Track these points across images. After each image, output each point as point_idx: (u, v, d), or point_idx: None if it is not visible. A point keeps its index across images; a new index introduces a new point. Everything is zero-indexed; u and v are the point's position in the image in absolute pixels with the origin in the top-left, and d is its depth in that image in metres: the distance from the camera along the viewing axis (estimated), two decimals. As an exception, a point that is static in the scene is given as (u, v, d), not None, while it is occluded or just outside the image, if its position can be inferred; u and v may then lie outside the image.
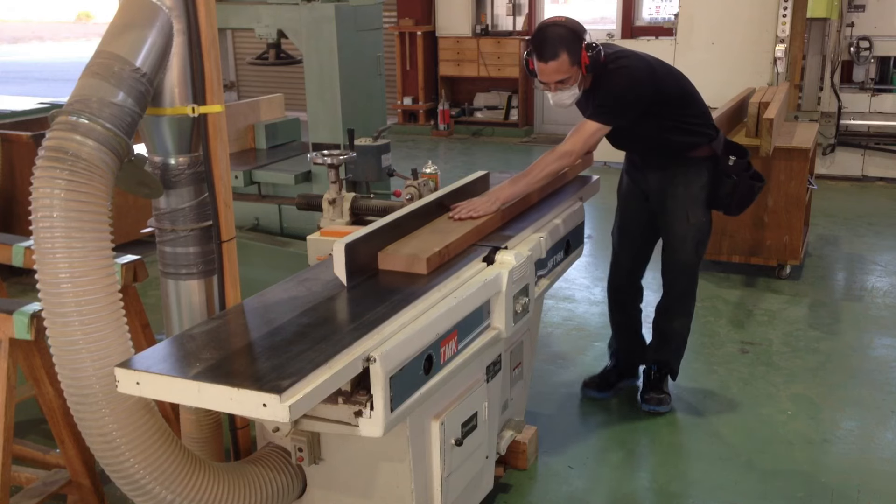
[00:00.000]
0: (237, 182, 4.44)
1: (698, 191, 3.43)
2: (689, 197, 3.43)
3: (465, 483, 2.65)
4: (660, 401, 3.67)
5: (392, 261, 2.56)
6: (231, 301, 2.60)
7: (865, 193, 7.58)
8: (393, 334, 2.15)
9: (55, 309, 2.08)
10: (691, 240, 3.48)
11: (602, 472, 3.35)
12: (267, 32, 4.42)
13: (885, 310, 4.89)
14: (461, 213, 2.87)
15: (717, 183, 3.43)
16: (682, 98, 3.35)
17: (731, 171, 3.41)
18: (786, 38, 7.50)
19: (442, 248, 2.60)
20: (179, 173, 2.52)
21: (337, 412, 2.11)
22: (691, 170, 3.42)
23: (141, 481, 2.12)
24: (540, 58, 3.11)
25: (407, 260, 2.54)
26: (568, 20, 3.15)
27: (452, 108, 10.80)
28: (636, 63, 3.20)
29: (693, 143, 3.39)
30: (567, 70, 3.10)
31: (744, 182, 3.44)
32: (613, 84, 3.17)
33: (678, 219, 3.46)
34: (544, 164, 3.10)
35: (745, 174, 3.44)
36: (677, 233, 3.48)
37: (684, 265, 3.54)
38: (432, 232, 2.76)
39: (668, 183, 3.45)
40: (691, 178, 3.42)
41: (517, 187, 3.02)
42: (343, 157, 3.39)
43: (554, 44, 3.08)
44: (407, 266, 2.53)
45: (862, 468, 3.32)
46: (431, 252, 2.55)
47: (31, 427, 3.52)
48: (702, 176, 3.43)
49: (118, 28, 2.32)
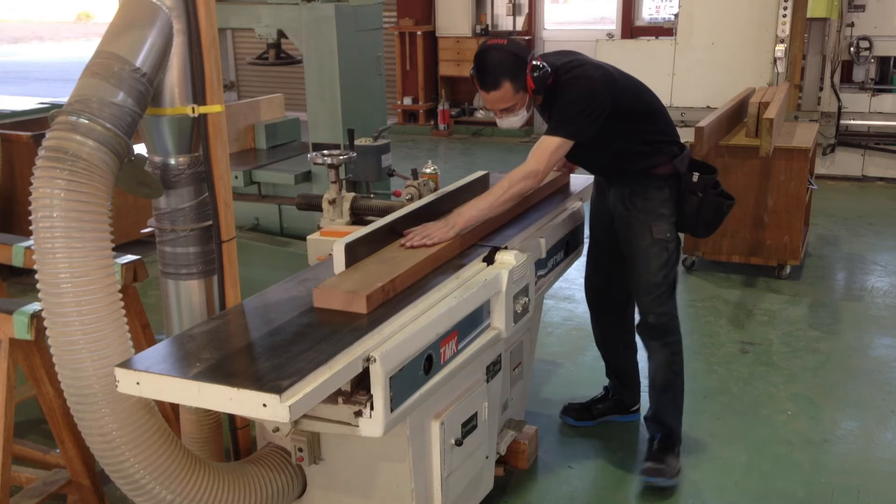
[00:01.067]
0: (237, 182, 4.44)
1: (658, 204, 3.12)
2: (648, 210, 3.12)
3: (465, 483, 2.65)
4: (657, 472, 3.20)
5: (328, 297, 2.26)
6: (231, 301, 2.60)
7: (865, 193, 7.58)
8: (393, 334, 2.15)
9: (55, 309, 2.08)
10: (655, 257, 3.13)
11: (602, 472, 3.35)
12: (267, 32, 4.42)
13: (885, 310, 4.89)
14: (414, 241, 2.62)
15: (681, 201, 3.14)
16: (644, 112, 3.09)
17: (696, 188, 3.12)
18: (786, 38, 7.50)
19: (386, 282, 2.31)
20: (179, 173, 2.52)
21: (337, 412, 2.11)
22: (651, 185, 3.12)
23: (141, 481, 2.12)
24: (482, 87, 2.88)
25: (345, 297, 2.24)
26: (509, 43, 2.89)
27: (452, 108, 10.80)
28: (591, 72, 2.95)
29: (655, 160, 3.10)
30: (511, 98, 2.88)
31: (710, 200, 3.14)
32: (569, 94, 2.90)
33: (639, 233, 3.14)
34: (508, 185, 2.82)
35: (712, 191, 3.14)
36: (640, 248, 3.15)
37: (650, 286, 3.16)
38: (379, 262, 2.48)
39: (627, 197, 3.16)
40: (651, 193, 3.12)
41: (477, 211, 2.76)
42: (343, 157, 3.39)
43: (495, 72, 2.84)
44: (345, 304, 2.24)
45: (862, 468, 3.32)
46: (373, 288, 2.26)
47: (31, 427, 3.52)
48: (662, 191, 3.12)
49: (118, 28, 2.32)
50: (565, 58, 3.01)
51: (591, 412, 3.66)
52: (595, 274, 3.52)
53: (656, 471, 3.20)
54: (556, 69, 2.93)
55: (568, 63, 2.97)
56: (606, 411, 3.66)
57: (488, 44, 2.89)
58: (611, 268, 3.43)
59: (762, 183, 5.18)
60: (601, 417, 3.65)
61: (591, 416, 3.65)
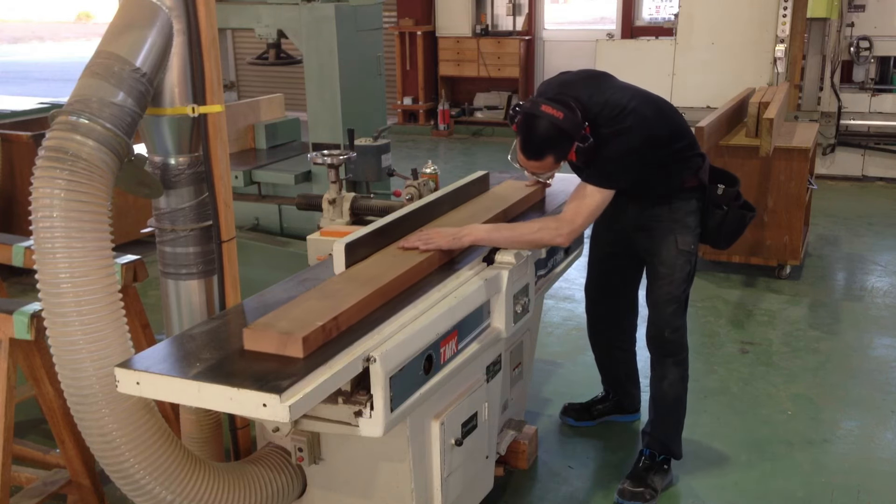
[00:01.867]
0: (237, 182, 4.44)
1: (684, 216, 3.03)
2: (674, 220, 3.03)
3: (465, 483, 2.65)
4: (634, 495, 3.09)
5: (259, 339, 2.01)
6: (231, 301, 2.60)
7: (865, 193, 7.58)
8: (393, 334, 2.15)
9: (55, 309, 2.08)
10: (681, 269, 3.03)
11: (602, 472, 3.35)
12: (267, 32, 4.43)
13: (885, 310, 4.89)
14: (411, 242, 2.56)
15: (705, 213, 3.08)
16: (671, 136, 2.92)
17: (720, 201, 3.06)
18: (786, 38, 7.51)
19: (328, 320, 2.06)
20: (179, 173, 2.52)
21: (337, 412, 2.11)
22: (677, 196, 3.03)
23: (141, 481, 2.12)
24: (523, 151, 2.73)
25: (279, 339, 1.99)
26: (564, 118, 2.63)
27: (452, 108, 10.80)
28: (634, 123, 2.74)
29: (681, 176, 3.01)
30: (550, 167, 2.76)
31: (734, 212, 3.08)
32: (613, 149, 2.73)
33: (666, 243, 3.03)
34: (538, 228, 2.70)
35: (735, 203, 3.08)
36: (666, 259, 3.04)
37: (671, 298, 3.05)
38: (323, 297, 2.23)
39: (650, 210, 3.05)
40: (676, 203, 3.03)
41: (496, 236, 2.64)
42: (343, 157, 3.40)
43: (541, 145, 2.68)
44: (279, 347, 1.98)
45: (862, 468, 3.32)
46: (312, 328, 2.01)
47: (31, 427, 3.52)
48: (689, 204, 3.04)
49: (118, 28, 2.32)
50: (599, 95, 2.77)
51: (591, 412, 3.65)
52: (596, 296, 3.45)
53: (633, 494, 3.10)
54: (595, 119, 2.73)
55: (605, 112, 2.74)
56: (606, 412, 3.66)
57: (542, 110, 2.64)
58: (612, 290, 3.38)
59: (762, 183, 5.18)
60: (601, 418, 3.65)
61: (591, 417, 3.64)
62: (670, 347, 3.11)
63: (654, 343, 3.14)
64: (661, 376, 3.16)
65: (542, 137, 2.67)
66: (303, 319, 2.06)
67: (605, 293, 3.43)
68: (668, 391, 3.16)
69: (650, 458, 3.20)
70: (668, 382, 3.15)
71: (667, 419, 3.20)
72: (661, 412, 3.20)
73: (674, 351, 3.12)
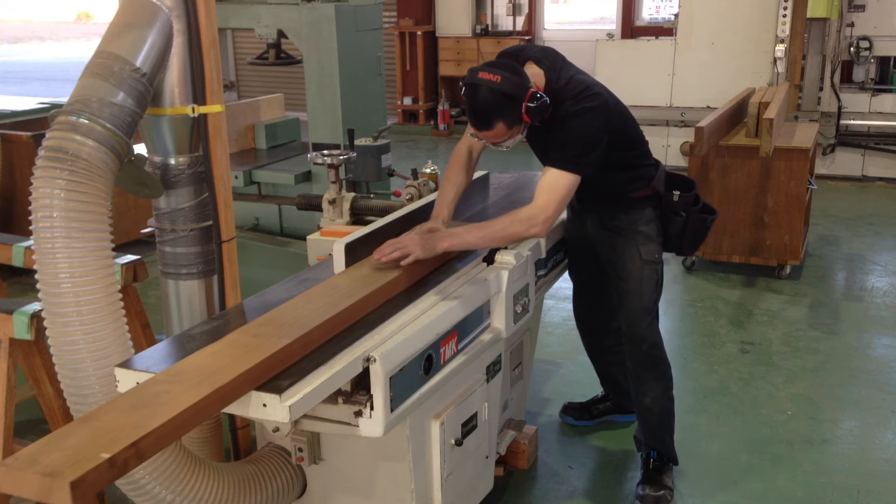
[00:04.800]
0: (237, 182, 4.45)
1: (644, 225, 2.97)
2: (634, 231, 2.97)
3: (465, 483, 2.65)
4: (657, 499, 3.05)
5: (15, 482, 1.45)
6: (231, 301, 2.60)
7: (865, 193, 7.58)
8: (393, 334, 2.15)
9: (55, 309, 2.09)
10: (648, 279, 2.97)
11: (602, 472, 3.35)
12: (267, 32, 4.43)
13: (885, 310, 4.89)
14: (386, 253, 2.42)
15: (664, 221, 3.01)
16: (627, 140, 2.90)
17: (677, 208, 2.99)
18: (786, 38, 7.50)
19: (124, 447, 1.49)
20: (179, 173, 2.53)
21: (337, 412, 2.11)
22: (634, 209, 2.97)
23: (141, 481, 2.12)
24: (471, 122, 2.65)
25: (40, 484, 1.42)
26: (503, 80, 2.52)
27: (452, 108, 10.79)
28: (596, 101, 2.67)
29: (633, 185, 2.95)
30: (504, 134, 2.63)
31: (694, 217, 3.01)
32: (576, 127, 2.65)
33: (629, 256, 2.97)
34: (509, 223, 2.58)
35: (694, 209, 3.01)
36: (631, 272, 2.97)
37: (644, 311, 2.99)
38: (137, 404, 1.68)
39: (609, 222, 3.00)
40: (634, 216, 2.97)
41: (469, 238, 2.55)
42: (343, 157, 3.40)
43: (486, 114, 2.56)
44: (41, 493, 1.42)
45: (862, 468, 3.32)
46: (91, 464, 1.44)
47: (31, 427, 3.52)
48: (647, 214, 2.98)
49: (118, 28, 2.32)
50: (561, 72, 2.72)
51: (591, 412, 3.64)
52: (581, 304, 3.45)
53: (657, 499, 3.05)
54: (559, 93, 2.67)
55: (569, 87, 2.69)
56: (606, 411, 3.65)
57: (479, 77, 2.54)
58: (595, 297, 3.35)
59: (762, 183, 5.18)
60: (601, 417, 3.64)
61: (591, 416, 3.63)
62: (649, 362, 3.04)
63: (633, 359, 3.07)
64: (643, 392, 3.09)
65: (485, 105, 2.55)
66: (85, 448, 1.48)
67: (589, 301, 3.40)
68: (652, 406, 3.10)
69: (658, 458, 3.15)
70: (650, 398, 3.08)
71: (656, 431, 3.15)
72: (650, 425, 3.15)
73: (654, 364, 3.05)
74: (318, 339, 2.01)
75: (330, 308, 2.12)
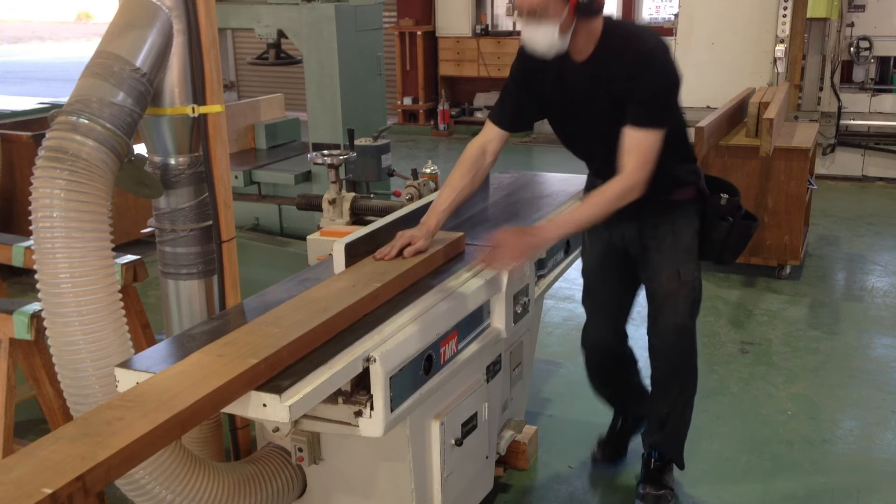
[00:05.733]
0: (237, 182, 4.45)
1: (690, 241, 2.76)
2: (678, 250, 2.75)
3: (465, 483, 2.65)
4: (657, 499, 2.97)
5: None
6: (231, 301, 2.60)
7: (865, 193, 7.58)
8: (393, 334, 2.15)
9: (55, 309, 2.09)
10: (685, 300, 2.79)
11: (602, 472, 3.34)
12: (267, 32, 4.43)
13: (885, 310, 4.89)
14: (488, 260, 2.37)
15: (708, 227, 2.80)
16: (682, 122, 2.71)
17: (724, 213, 2.78)
18: (786, 38, 7.51)
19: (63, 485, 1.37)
20: (179, 173, 2.53)
21: (337, 412, 2.11)
22: (678, 216, 2.73)
23: (141, 481, 2.12)
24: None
25: None
26: None
27: (452, 108, 10.80)
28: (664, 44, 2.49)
29: (680, 184, 2.73)
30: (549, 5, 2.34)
31: (739, 224, 2.81)
32: (653, 76, 2.44)
33: (667, 277, 2.77)
34: (609, 198, 2.44)
35: (739, 214, 2.82)
36: (668, 293, 2.78)
37: (679, 330, 2.82)
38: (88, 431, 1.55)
39: (650, 235, 2.77)
40: (679, 225, 2.74)
41: (571, 225, 2.49)
42: (343, 157, 3.40)
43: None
44: None
45: (862, 468, 3.32)
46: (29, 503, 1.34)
47: (31, 427, 3.52)
48: (692, 223, 2.76)
49: (118, 28, 2.32)
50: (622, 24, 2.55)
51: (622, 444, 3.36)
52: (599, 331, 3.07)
53: (657, 498, 2.97)
54: (616, 28, 2.47)
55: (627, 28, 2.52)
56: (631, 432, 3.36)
57: None
58: (617, 318, 3.06)
59: (762, 183, 5.18)
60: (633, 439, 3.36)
61: (625, 448, 3.36)
62: (678, 373, 2.90)
63: (660, 372, 2.92)
64: (666, 402, 2.95)
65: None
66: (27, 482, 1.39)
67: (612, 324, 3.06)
68: (671, 413, 2.96)
69: (660, 458, 3.05)
70: (667, 408, 2.95)
71: (671, 438, 3.03)
72: (665, 431, 3.01)
73: (683, 376, 2.91)
74: (287, 359, 1.93)
75: (301, 326, 2.02)
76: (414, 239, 2.51)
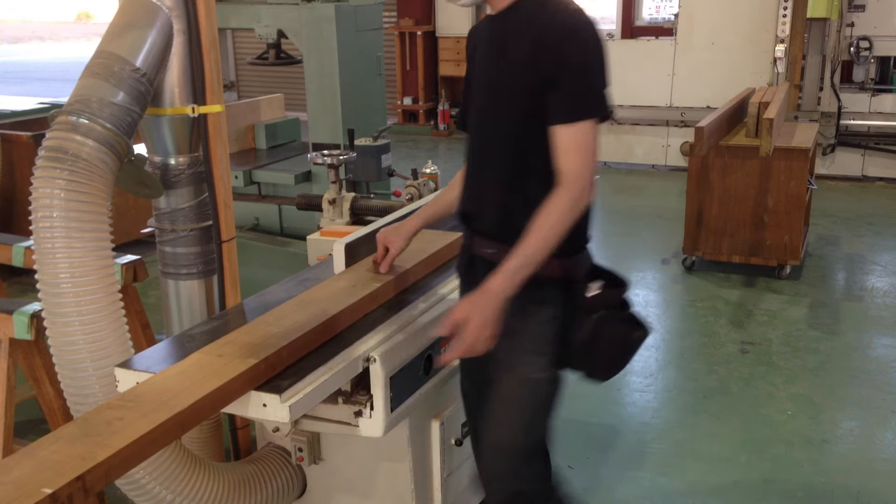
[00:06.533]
0: (237, 182, 4.45)
1: (542, 326, 1.98)
2: (527, 335, 1.98)
3: (465, 483, 2.65)
4: None
5: None
6: (231, 301, 2.60)
7: (865, 193, 7.58)
8: (393, 334, 2.15)
9: (55, 309, 2.09)
10: (519, 409, 2.02)
11: (602, 472, 3.34)
12: (267, 32, 4.44)
13: (885, 310, 4.89)
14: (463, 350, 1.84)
15: (569, 323, 1.99)
16: None
17: (592, 306, 1.99)
18: (786, 38, 7.50)
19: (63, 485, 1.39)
20: (179, 173, 2.53)
21: (337, 412, 2.11)
22: (533, 293, 1.91)
23: (141, 481, 2.12)
24: None
25: None
26: None
27: (452, 108, 10.79)
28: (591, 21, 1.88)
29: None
30: None
31: (612, 326, 2.00)
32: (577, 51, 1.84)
33: (506, 369, 2.01)
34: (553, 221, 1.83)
35: (615, 313, 2.04)
36: (501, 393, 2.02)
37: (505, 450, 2.06)
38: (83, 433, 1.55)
39: None
40: (532, 306, 1.96)
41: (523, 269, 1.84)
42: (343, 157, 3.40)
43: None
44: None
45: (862, 468, 3.32)
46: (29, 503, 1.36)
47: (31, 427, 3.52)
48: (547, 306, 1.98)
49: (118, 28, 2.32)
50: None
51: None
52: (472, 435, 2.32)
53: None
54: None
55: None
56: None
57: None
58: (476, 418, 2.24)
59: (762, 183, 5.18)
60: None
61: None
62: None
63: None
64: None
65: None
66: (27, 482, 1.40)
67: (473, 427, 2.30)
68: None
69: None
70: None
71: None
72: None
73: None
74: (287, 359, 1.92)
75: (301, 326, 2.00)
76: (389, 242, 2.31)
